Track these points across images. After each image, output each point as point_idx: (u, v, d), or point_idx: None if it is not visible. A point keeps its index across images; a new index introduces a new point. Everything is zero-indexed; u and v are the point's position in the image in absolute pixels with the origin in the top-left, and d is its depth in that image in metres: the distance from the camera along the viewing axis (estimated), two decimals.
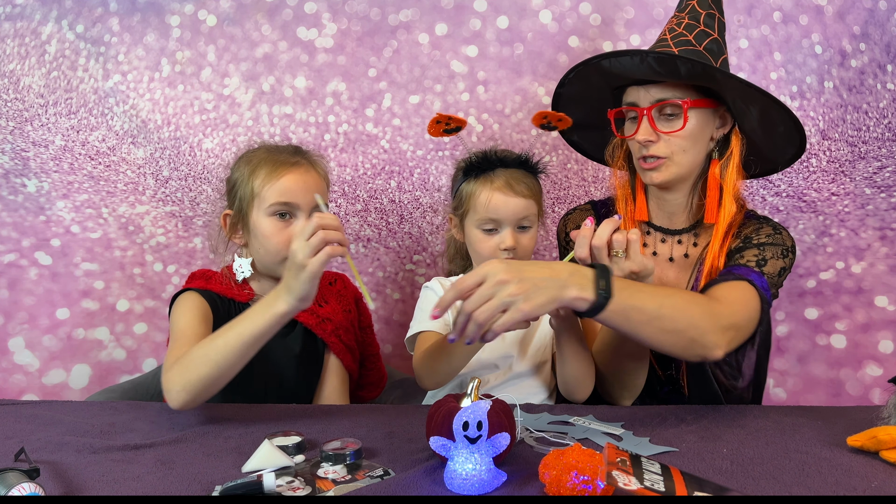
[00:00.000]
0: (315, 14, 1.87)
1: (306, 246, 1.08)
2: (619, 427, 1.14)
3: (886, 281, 1.89)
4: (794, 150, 1.39)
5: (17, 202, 1.87)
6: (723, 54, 1.36)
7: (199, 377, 1.13)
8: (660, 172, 1.36)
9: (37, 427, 1.16)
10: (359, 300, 1.53)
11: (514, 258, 1.32)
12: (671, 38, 1.36)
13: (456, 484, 0.92)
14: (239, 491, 0.91)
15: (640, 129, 1.34)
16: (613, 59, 1.34)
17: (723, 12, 1.41)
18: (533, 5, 1.87)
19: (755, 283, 1.28)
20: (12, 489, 0.86)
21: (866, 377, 1.90)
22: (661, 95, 1.33)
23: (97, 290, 1.89)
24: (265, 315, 1.12)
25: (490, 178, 1.33)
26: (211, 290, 1.37)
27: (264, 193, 1.33)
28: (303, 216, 1.33)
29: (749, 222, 1.40)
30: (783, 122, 1.33)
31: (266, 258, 1.36)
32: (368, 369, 1.55)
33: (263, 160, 1.36)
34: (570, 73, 1.43)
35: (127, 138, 1.88)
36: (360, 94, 1.89)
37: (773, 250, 1.34)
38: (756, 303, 1.26)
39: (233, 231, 1.39)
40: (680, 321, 1.13)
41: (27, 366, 1.87)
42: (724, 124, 1.39)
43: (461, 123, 1.29)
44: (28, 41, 1.84)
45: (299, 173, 1.34)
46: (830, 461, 1.01)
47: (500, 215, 1.32)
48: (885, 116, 1.87)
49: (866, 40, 1.85)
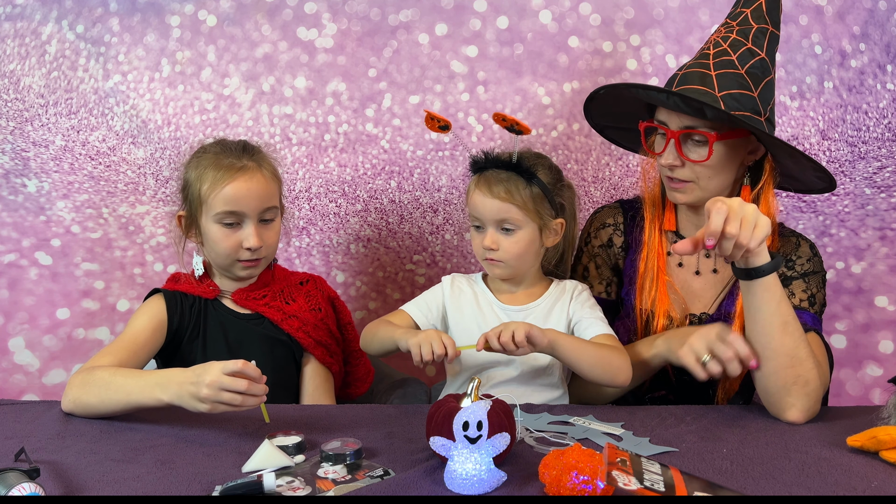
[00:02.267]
0: (315, 14, 1.87)
1: (216, 392, 1.06)
2: (619, 427, 1.15)
3: (886, 281, 1.89)
4: (824, 185, 1.38)
5: (18, 202, 1.87)
6: (767, 76, 1.31)
7: (88, 403, 1.20)
8: (685, 195, 1.35)
9: (37, 427, 1.17)
10: (334, 300, 1.54)
11: (496, 259, 1.34)
12: (713, 53, 1.31)
13: (456, 484, 0.92)
14: (239, 491, 0.91)
15: (666, 151, 1.32)
16: (641, 91, 1.33)
17: (779, 23, 1.35)
18: (533, 5, 1.87)
19: (818, 331, 1.31)
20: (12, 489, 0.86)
21: (866, 377, 1.90)
22: (690, 123, 1.30)
23: (97, 290, 1.89)
24: (151, 394, 1.14)
25: (479, 177, 1.35)
26: (179, 291, 1.42)
27: (210, 201, 1.35)
28: (250, 222, 1.36)
29: (784, 240, 1.40)
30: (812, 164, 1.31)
31: (217, 260, 1.41)
32: (353, 365, 1.56)
33: (210, 165, 1.37)
34: (600, 91, 1.40)
35: (127, 138, 1.88)
36: (360, 94, 1.89)
37: (816, 280, 1.36)
38: (825, 354, 1.29)
39: (188, 230, 1.42)
40: (801, 350, 1.17)
41: (27, 366, 1.87)
42: (756, 151, 1.35)
43: (446, 123, 1.30)
44: (28, 41, 1.84)
45: (244, 180, 1.35)
46: (830, 461, 1.02)
47: (479, 213, 1.34)
48: (885, 116, 1.87)
49: (866, 40, 1.85)
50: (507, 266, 1.35)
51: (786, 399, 1.17)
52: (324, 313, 1.49)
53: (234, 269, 1.40)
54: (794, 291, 1.34)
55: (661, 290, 1.40)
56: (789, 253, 1.37)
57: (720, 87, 1.28)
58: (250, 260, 1.38)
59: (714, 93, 1.27)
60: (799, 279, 1.35)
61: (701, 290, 1.43)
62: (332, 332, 1.50)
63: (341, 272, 1.95)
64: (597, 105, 1.45)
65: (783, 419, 1.18)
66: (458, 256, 1.93)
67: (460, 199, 1.93)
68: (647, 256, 1.42)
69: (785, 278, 1.34)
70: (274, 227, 1.41)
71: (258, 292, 1.44)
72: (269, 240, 1.40)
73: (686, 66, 1.35)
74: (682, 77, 1.32)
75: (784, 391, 1.17)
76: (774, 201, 1.36)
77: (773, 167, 1.34)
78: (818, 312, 1.34)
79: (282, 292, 1.47)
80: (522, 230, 1.33)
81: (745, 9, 1.35)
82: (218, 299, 1.44)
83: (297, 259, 1.94)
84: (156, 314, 1.39)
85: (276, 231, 1.42)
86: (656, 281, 1.40)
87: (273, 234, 1.41)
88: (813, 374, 1.17)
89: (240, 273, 1.41)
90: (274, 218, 1.41)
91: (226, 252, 1.37)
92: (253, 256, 1.38)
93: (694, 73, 1.31)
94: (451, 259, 1.95)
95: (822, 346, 1.30)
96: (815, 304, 1.34)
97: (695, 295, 1.42)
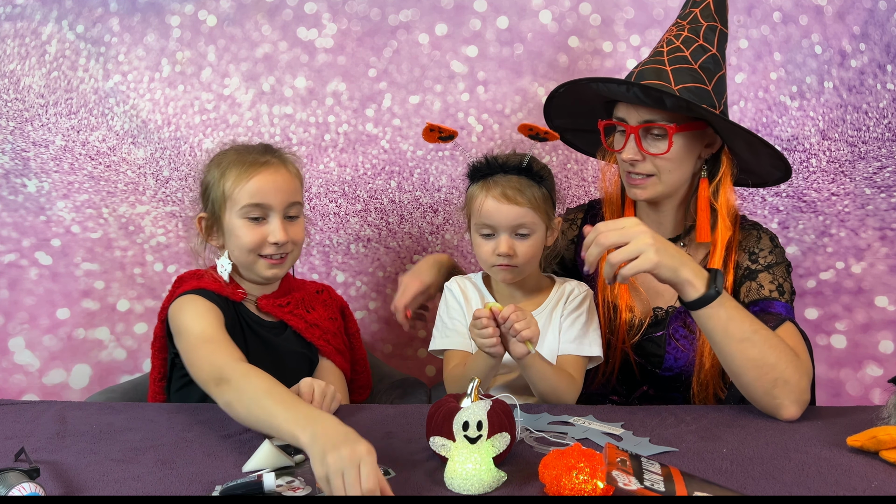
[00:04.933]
0: (315, 14, 1.87)
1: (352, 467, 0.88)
2: (619, 427, 1.15)
3: (886, 281, 1.89)
4: (780, 174, 1.40)
5: (18, 202, 1.87)
6: (719, 71, 1.35)
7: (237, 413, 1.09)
8: (645, 190, 1.37)
9: (37, 427, 1.17)
10: (344, 309, 1.54)
11: (511, 265, 1.32)
12: (667, 51, 1.35)
13: (456, 484, 0.92)
14: (239, 491, 0.91)
15: (626, 147, 1.34)
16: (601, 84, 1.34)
17: (726, 22, 1.39)
18: (533, 5, 1.87)
19: (793, 319, 1.31)
20: (12, 489, 0.86)
21: (866, 377, 1.90)
22: (648, 117, 1.32)
23: (97, 290, 1.89)
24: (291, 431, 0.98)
25: (488, 184, 1.32)
26: (205, 289, 1.34)
27: (235, 195, 1.32)
28: (275, 216, 1.33)
29: (745, 233, 1.41)
30: (769, 150, 1.33)
31: (241, 257, 1.35)
32: (357, 373, 1.57)
33: (233, 162, 1.35)
34: (560, 89, 1.42)
35: (127, 138, 1.88)
36: (360, 94, 1.89)
37: (780, 271, 1.37)
38: (803, 341, 1.29)
39: (209, 234, 1.39)
40: (768, 357, 1.16)
41: (27, 366, 1.87)
42: (713, 143, 1.38)
43: (452, 133, 1.24)
44: (28, 41, 1.84)
45: (269, 173, 1.33)
46: (830, 461, 1.02)
47: (494, 222, 1.31)
48: (885, 116, 1.87)
49: (866, 40, 1.85)
50: (520, 271, 1.34)
51: (773, 402, 1.18)
52: (338, 322, 1.50)
53: (257, 267, 1.35)
54: (762, 283, 1.35)
55: (622, 288, 1.43)
56: (751, 246, 1.39)
57: (676, 82, 1.30)
58: (276, 257, 1.35)
59: (671, 86, 1.30)
60: (764, 272, 1.36)
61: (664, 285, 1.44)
62: (345, 341, 1.51)
63: (341, 272, 1.95)
64: (556, 104, 1.47)
65: (780, 419, 1.18)
66: (458, 256, 1.93)
67: (460, 199, 1.92)
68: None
69: (751, 272, 1.36)
70: (299, 223, 1.38)
71: (283, 299, 1.42)
72: (296, 235, 1.36)
73: (641, 64, 1.37)
74: (639, 74, 1.34)
75: (768, 396, 1.18)
76: (732, 193, 1.39)
77: (730, 159, 1.37)
78: (789, 300, 1.34)
79: (303, 300, 1.45)
80: (536, 234, 1.33)
81: (693, 9, 1.38)
82: (243, 304, 1.39)
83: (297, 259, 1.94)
84: (211, 308, 1.29)
85: (301, 228, 1.38)
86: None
87: (299, 231, 1.37)
88: (790, 372, 1.17)
89: (264, 272, 1.35)
90: (298, 215, 1.38)
91: (250, 247, 1.32)
92: (279, 252, 1.34)
93: (649, 70, 1.33)
94: None
95: (797, 334, 1.29)
96: (784, 292, 1.34)
97: (658, 289, 1.44)
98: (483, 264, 1.37)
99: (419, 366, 1.96)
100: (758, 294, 1.34)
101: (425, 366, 1.96)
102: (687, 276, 1.15)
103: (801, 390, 1.19)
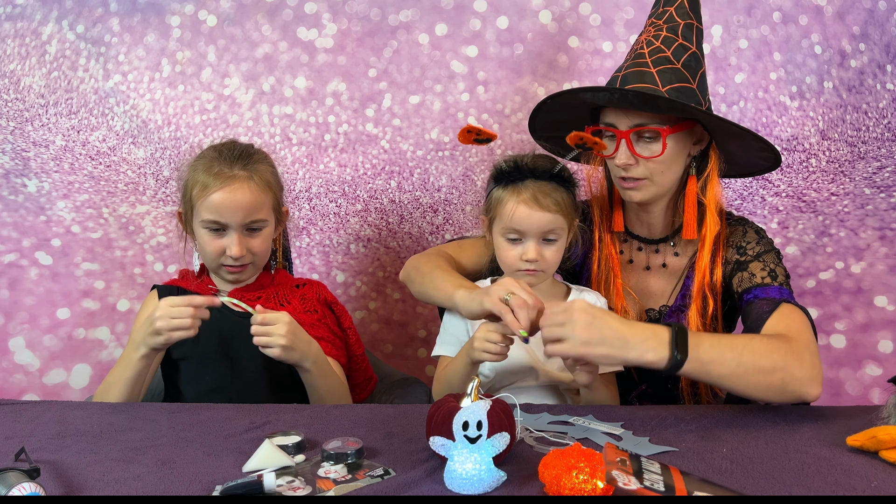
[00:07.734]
0: (315, 14, 1.87)
1: (168, 321, 1.25)
2: (619, 427, 1.14)
3: (886, 281, 1.89)
4: (768, 165, 1.40)
5: (18, 202, 1.87)
6: (700, 68, 1.35)
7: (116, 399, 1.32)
8: (639, 192, 1.36)
9: (37, 427, 1.17)
10: (331, 304, 1.54)
11: (537, 270, 1.31)
12: (649, 52, 1.34)
13: (456, 484, 0.92)
14: (239, 491, 0.91)
15: (618, 152, 1.33)
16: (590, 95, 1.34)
17: (701, 18, 1.39)
18: (533, 5, 1.87)
19: (789, 300, 1.30)
20: (12, 489, 0.86)
21: (866, 377, 1.90)
22: (639, 121, 1.31)
23: (98, 290, 1.89)
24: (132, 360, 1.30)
25: (518, 188, 1.29)
26: (180, 286, 1.46)
27: (198, 207, 1.37)
28: (233, 232, 1.37)
29: (731, 228, 1.41)
30: (758, 143, 1.33)
31: (206, 262, 1.45)
32: (354, 370, 1.56)
33: (202, 170, 1.38)
34: (548, 100, 1.42)
35: (127, 138, 1.88)
36: (360, 94, 1.89)
37: (770, 257, 1.36)
38: (804, 318, 1.27)
39: (187, 227, 1.45)
40: (764, 367, 1.15)
41: (27, 366, 1.87)
42: (701, 140, 1.38)
43: (491, 136, 1.19)
44: (28, 41, 1.84)
45: (229, 191, 1.35)
46: (830, 461, 1.02)
47: (524, 227, 1.29)
48: (885, 116, 1.87)
49: (866, 40, 1.85)
50: (544, 276, 1.33)
51: (791, 396, 1.18)
52: (320, 314, 1.49)
53: (221, 272, 1.43)
54: (753, 272, 1.34)
55: (616, 291, 1.43)
56: (738, 241, 1.39)
57: (663, 83, 1.30)
58: (234, 266, 1.40)
59: (659, 88, 1.29)
60: (754, 261, 1.36)
61: (655, 285, 1.45)
62: (332, 330, 1.50)
63: (341, 272, 1.95)
64: (542, 117, 1.46)
65: (810, 402, 1.20)
66: None
67: (460, 199, 1.93)
68: (599, 258, 1.45)
69: (741, 263, 1.36)
70: (262, 235, 1.41)
71: (253, 293, 1.45)
72: (255, 248, 1.40)
73: (623, 67, 1.36)
74: (623, 79, 1.33)
75: (784, 394, 1.18)
76: (719, 188, 1.39)
77: (718, 154, 1.38)
78: (783, 283, 1.33)
79: (276, 295, 1.48)
80: (562, 238, 1.32)
81: (668, 7, 1.37)
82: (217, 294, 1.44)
83: (298, 259, 1.94)
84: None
85: (263, 239, 1.42)
86: (612, 283, 1.43)
87: (259, 243, 1.41)
88: (792, 364, 1.16)
89: (226, 277, 1.43)
90: (262, 228, 1.41)
91: (211, 256, 1.40)
92: (236, 263, 1.39)
93: (634, 73, 1.32)
94: None
95: (794, 311, 1.27)
96: (777, 276, 1.33)
97: (650, 290, 1.44)
98: (506, 268, 1.35)
99: (419, 366, 1.96)
100: (750, 282, 1.33)
101: (425, 366, 1.96)
102: (645, 358, 1.11)
103: (810, 372, 1.18)
